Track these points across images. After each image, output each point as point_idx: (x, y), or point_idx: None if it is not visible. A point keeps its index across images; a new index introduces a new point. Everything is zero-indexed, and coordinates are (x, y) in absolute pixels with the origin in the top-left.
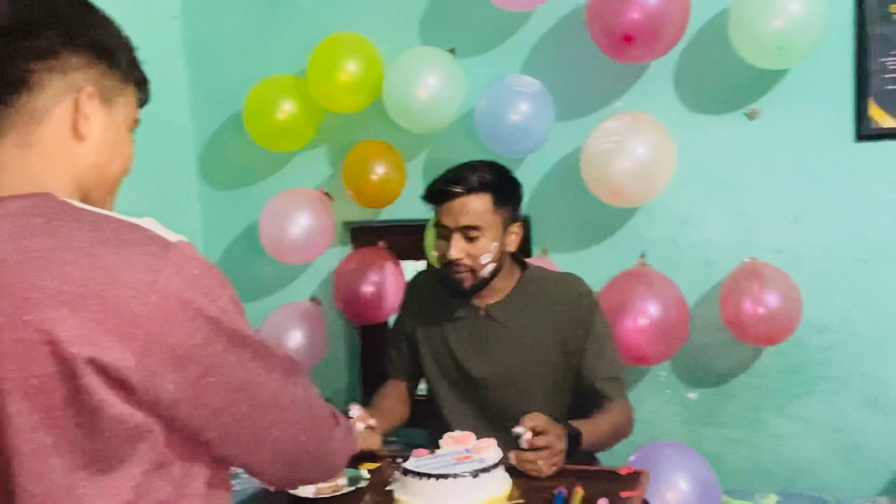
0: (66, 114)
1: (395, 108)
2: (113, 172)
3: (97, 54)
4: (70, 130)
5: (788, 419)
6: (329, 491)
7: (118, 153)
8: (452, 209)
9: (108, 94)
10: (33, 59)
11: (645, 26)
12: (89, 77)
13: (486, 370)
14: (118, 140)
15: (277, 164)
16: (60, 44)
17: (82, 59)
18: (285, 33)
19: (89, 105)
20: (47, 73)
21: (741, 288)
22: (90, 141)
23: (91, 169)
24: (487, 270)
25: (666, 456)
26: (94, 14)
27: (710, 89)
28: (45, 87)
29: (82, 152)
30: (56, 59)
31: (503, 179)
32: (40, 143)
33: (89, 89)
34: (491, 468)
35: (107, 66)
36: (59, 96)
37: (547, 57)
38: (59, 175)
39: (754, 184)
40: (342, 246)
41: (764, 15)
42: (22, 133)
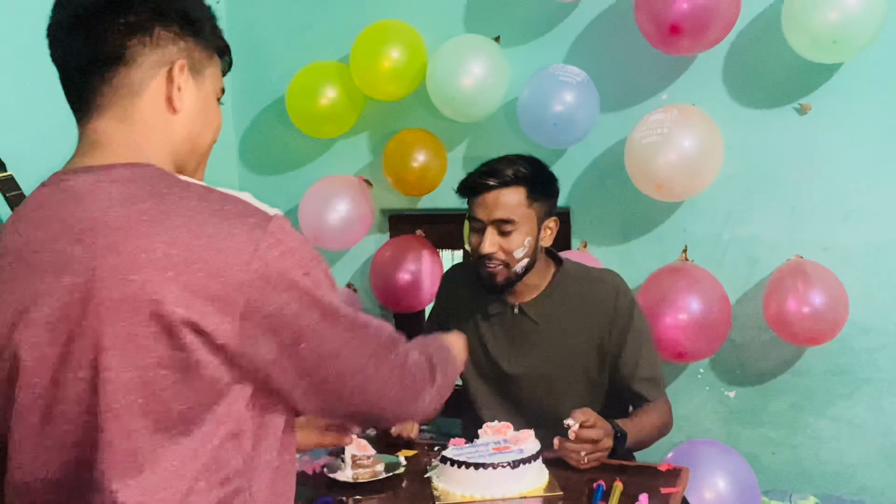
0: (160, 87)
1: (439, 96)
2: (204, 142)
3: (185, 27)
4: (164, 103)
5: (831, 421)
6: (367, 476)
7: (209, 123)
8: (486, 202)
9: (197, 65)
10: (128, 35)
11: (694, 17)
12: (180, 50)
13: (520, 367)
14: (208, 110)
15: (318, 150)
16: (151, 19)
17: (172, 33)
18: (330, 19)
19: (181, 77)
20: (141, 47)
21: (786, 286)
22: (183, 113)
23: (185, 141)
24: (521, 265)
25: (704, 454)
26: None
27: (761, 82)
28: (140, 61)
29: (177, 124)
30: (149, 35)
31: (538, 173)
32: (139, 115)
33: (181, 61)
34: (529, 459)
35: (194, 38)
36: (154, 70)
37: (593, 47)
38: (157, 147)
39: (803, 180)
40: (380, 233)
41: (819, 7)
42: (121, 107)
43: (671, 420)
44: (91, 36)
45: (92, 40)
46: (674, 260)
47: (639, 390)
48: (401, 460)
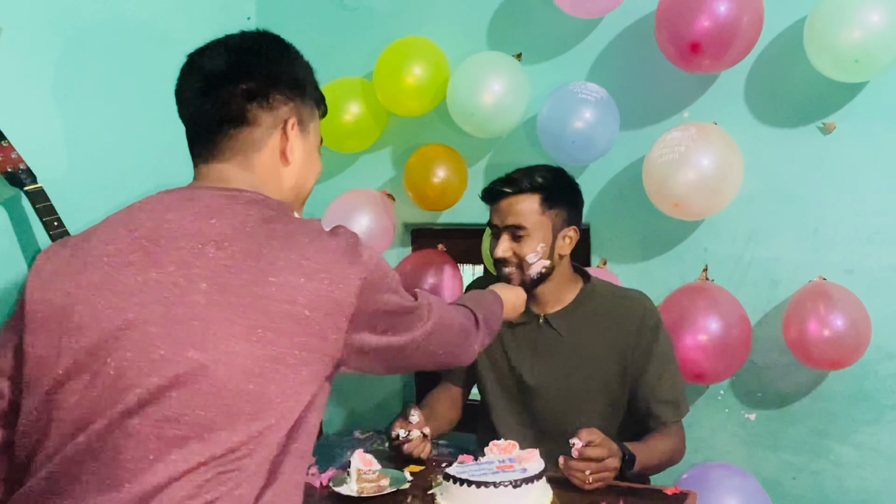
0: (276, 143)
1: (459, 112)
2: (308, 187)
3: (294, 90)
4: (279, 156)
5: (854, 447)
6: (372, 491)
7: (312, 171)
8: (501, 209)
9: (304, 121)
10: (248, 100)
11: (715, 35)
12: (290, 109)
13: (540, 378)
14: (312, 160)
15: (342, 164)
16: (267, 84)
17: (284, 95)
18: (355, 36)
19: (292, 134)
20: (259, 110)
21: (807, 308)
22: (293, 163)
23: (291, 189)
24: (535, 270)
25: (720, 477)
26: (289, 54)
27: (783, 101)
28: (260, 122)
29: (287, 174)
30: (266, 99)
31: (557, 181)
32: (259, 167)
33: (293, 120)
34: (532, 479)
35: (301, 97)
36: (271, 128)
37: (613, 64)
38: (270, 191)
39: (826, 200)
40: (402, 247)
41: (842, 26)
42: (243, 158)
43: (684, 447)
44: (218, 100)
45: (218, 104)
46: (694, 279)
47: (658, 412)
48: (406, 476)
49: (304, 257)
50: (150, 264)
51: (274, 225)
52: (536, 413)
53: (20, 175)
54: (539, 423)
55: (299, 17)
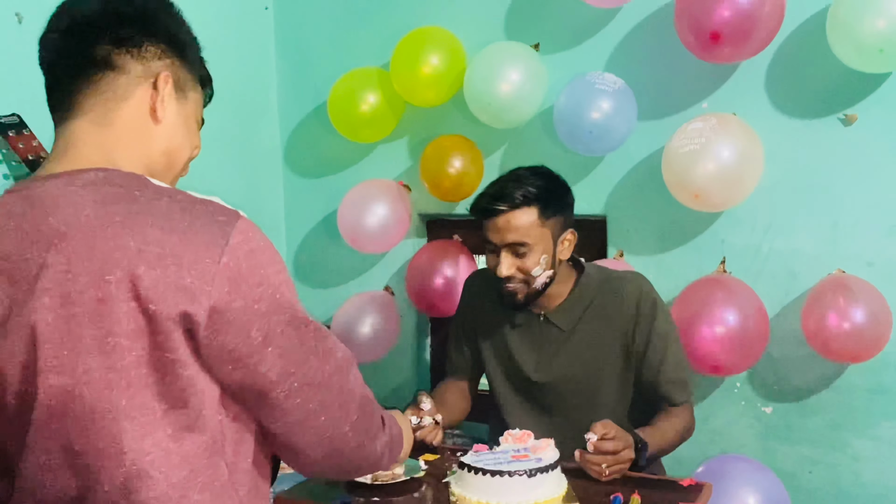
0: (145, 96)
1: (475, 102)
2: (181, 159)
3: (172, 46)
4: (148, 112)
5: (872, 441)
6: (386, 478)
7: (188, 141)
8: (498, 226)
9: (181, 84)
10: (117, 44)
11: (735, 25)
12: (165, 66)
13: (547, 375)
14: (188, 128)
15: (359, 154)
16: (141, 33)
17: (159, 49)
18: (372, 25)
19: (165, 89)
20: (129, 57)
21: (826, 301)
22: (164, 124)
23: (162, 154)
24: (540, 282)
25: (736, 470)
26: (172, 12)
27: (804, 92)
28: (127, 70)
29: (157, 136)
30: (137, 47)
31: (550, 188)
32: (119, 122)
33: (166, 73)
34: (547, 468)
35: (180, 58)
36: (140, 79)
37: (632, 54)
38: (132, 155)
39: (847, 192)
40: (417, 237)
41: (865, 15)
42: (102, 111)
43: (693, 424)
44: (83, 42)
45: (83, 45)
46: (711, 271)
47: (666, 392)
48: (421, 464)
49: (144, 242)
50: (8, 285)
51: (113, 207)
52: (548, 407)
53: (41, 163)
54: (550, 417)
55: (317, 7)
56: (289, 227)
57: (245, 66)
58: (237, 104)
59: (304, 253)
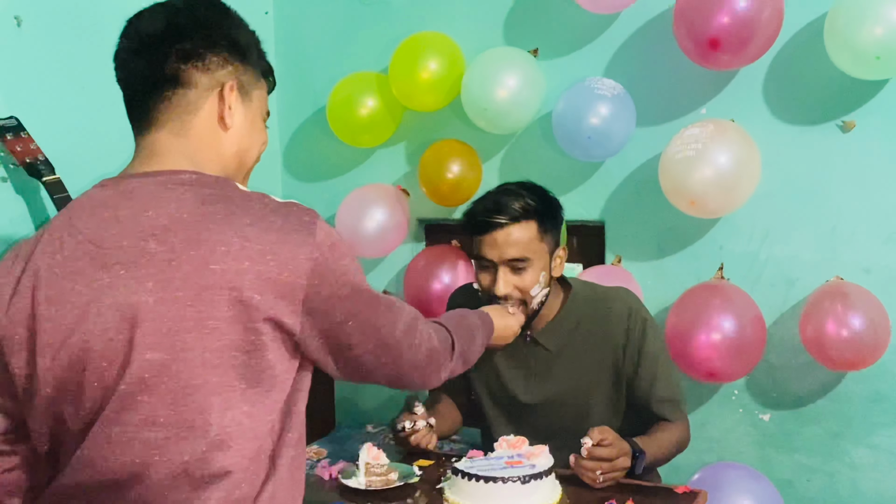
0: (213, 106)
1: (473, 107)
2: (251, 158)
3: (234, 52)
4: (217, 121)
5: (870, 449)
6: (380, 484)
7: (255, 141)
8: (496, 241)
9: (245, 87)
10: (183, 60)
11: (734, 31)
12: (229, 73)
13: (536, 397)
14: (255, 129)
15: (357, 158)
16: (204, 46)
17: (222, 58)
18: (372, 30)
19: (231, 97)
20: (195, 71)
21: (824, 308)
22: (233, 130)
23: (234, 156)
24: (537, 301)
25: (732, 478)
26: (229, 17)
27: (802, 99)
28: (196, 83)
29: (227, 141)
30: (202, 60)
31: (546, 203)
32: (193, 132)
33: (231, 83)
34: (541, 475)
35: (242, 62)
36: (208, 91)
37: (631, 60)
38: (209, 160)
39: (845, 199)
40: (415, 242)
41: (863, 22)
42: (178, 123)
43: (688, 437)
44: (152, 60)
45: (153, 64)
46: (709, 278)
47: (658, 412)
48: (415, 470)
49: (246, 239)
50: (99, 268)
51: (213, 207)
52: (537, 427)
53: (39, 166)
54: (541, 436)
55: (316, 12)
56: None
57: None
58: None
59: None
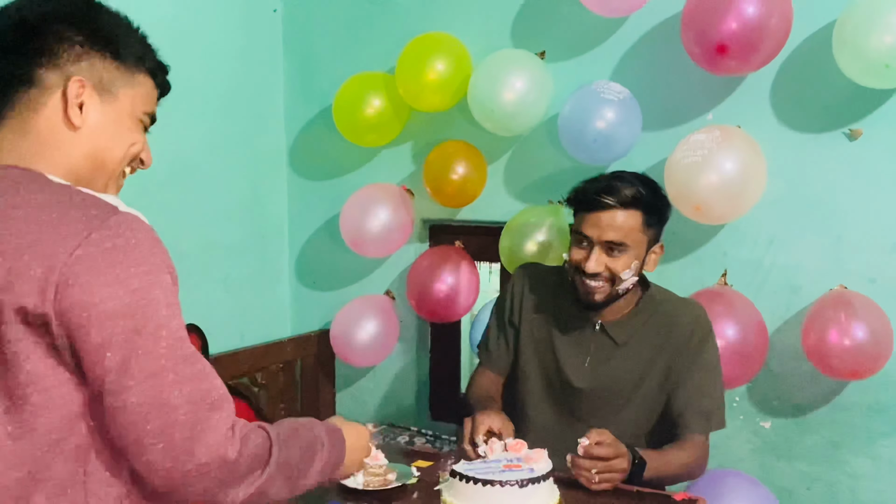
0: (58, 104)
1: (479, 109)
2: (112, 160)
3: (93, 46)
4: (62, 120)
5: (871, 459)
6: (377, 484)
7: (118, 141)
8: (600, 221)
9: (106, 84)
10: (33, 58)
11: (742, 37)
12: (81, 68)
13: (589, 382)
14: (119, 129)
15: (363, 158)
16: (55, 40)
17: (74, 52)
18: (379, 30)
19: (81, 94)
20: (41, 69)
21: (827, 317)
22: (85, 129)
23: (85, 158)
24: (624, 286)
25: (731, 485)
26: (91, 8)
27: (809, 106)
28: (39, 80)
29: (77, 142)
30: (52, 55)
31: (656, 197)
32: (35, 130)
33: (77, 78)
34: (539, 479)
35: (102, 57)
36: (54, 89)
37: (638, 64)
38: (50, 160)
39: (850, 208)
40: (419, 242)
41: (871, 30)
42: (20, 121)
43: (705, 463)
44: (3, 59)
45: (4, 63)
46: (713, 284)
47: (688, 421)
48: (413, 471)
49: (8, 233)
50: None
51: None
52: (577, 411)
53: None
54: (577, 420)
55: (325, 11)
56: (292, 229)
57: (252, 67)
58: (244, 105)
59: (305, 255)
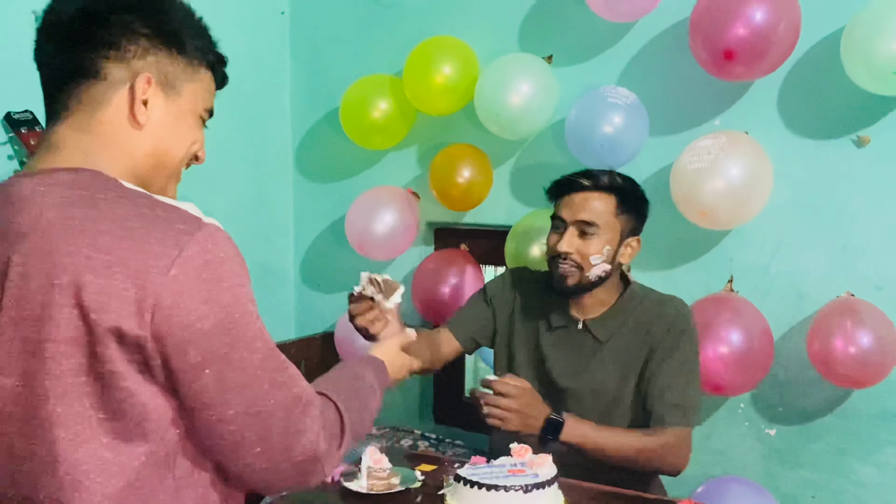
0: (123, 101)
1: (486, 112)
2: (173, 159)
3: (158, 41)
4: (127, 117)
5: (876, 468)
6: (382, 488)
7: (180, 139)
8: (573, 202)
9: (170, 79)
10: (97, 49)
11: (749, 43)
12: (148, 64)
13: (575, 383)
14: (181, 126)
15: (369, 160)
16: (121, 33)
17: (141, 47)
18: (387, 33)
19: (147, 92)
20: (108, 62)
21: (833, 324)
22: (149, 128)
23: (148, 156)
24: (595, 273)
25: (736, 492)
26: (158, 1)
27: (817, 112)
28: (106, 74)
29: (139, 140)
30: (117, 49)
31: (632, 188)
32: (98, 127)
33: (145, 75)
34: (543, 484)
35: (169, 52)
36: (120, 84)
37: (645, 69)
38: (112, 159)
39: (857, 215)
40: (425, 245)
41: (880, 37)
42: (83, 117)
43: (682, 458)
44: (62, 48)
45: (63, 52)
46: (719, 290)
47: (660, 412)
48: (417, 475)
49: (95, 249)
50: None
51: (73, 211)
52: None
53: None
54: None
55: (333, 13)
56: (297, 231)
57: (260, 69)
58: (251, 106)
59: (310, 257)
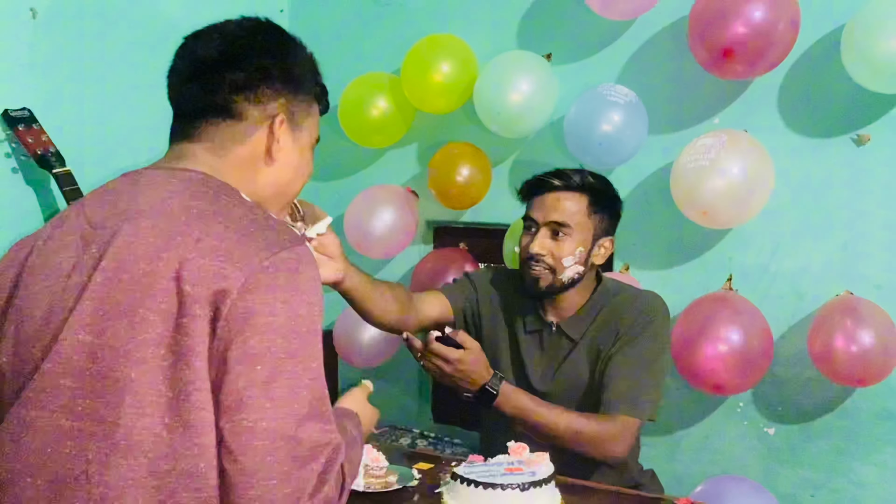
0: (262, 139)
1: (485, 111)
2: (293, 190)
3: (288, 85)
4: (263, 153)
5: (876, 467)
6: (379, 486)
7: (300, 173)
8: (545, 203)
9: (296, 118)
10: (235, 91)
11: (749, 41)
12: (280, 105)
13: (551, 385)
14: (302, 161)
15: (368, 159)
16: (258, 78)
17: (274, 90)
18: (386, 31)
19: (280, 130)
20: (246, 103)
21: (833, 322)
22: (278, 164)
23: (269, 186)
24: (567, 275)
25: (735, 491)
26: (286, 46)
27: (817, 111)
28: (246, 115)
29: (267, 172)
30: (253, 92)
31: (604, 187)
32: (232, 156)
33: (281, 117)
34: (541, 482)
35: (294, 93)
36: (258, 124)
37: (644, 68)
38: (237, 181)
39: (857, 213)
40: (424, 244)
41: (880, 35)
42: (219, 144)
43: (622, 446)
44: (204, 88)
45: (204, 92)
46: (718, 288)
47: (609, 398)
48: (414, 473)
49: (206, 234)
50: (83, 247)
51: (195, 202)
52: None
53: (49, 158)
54: None
55: (331, 11)
56: None
57: None
58: None
59: None
